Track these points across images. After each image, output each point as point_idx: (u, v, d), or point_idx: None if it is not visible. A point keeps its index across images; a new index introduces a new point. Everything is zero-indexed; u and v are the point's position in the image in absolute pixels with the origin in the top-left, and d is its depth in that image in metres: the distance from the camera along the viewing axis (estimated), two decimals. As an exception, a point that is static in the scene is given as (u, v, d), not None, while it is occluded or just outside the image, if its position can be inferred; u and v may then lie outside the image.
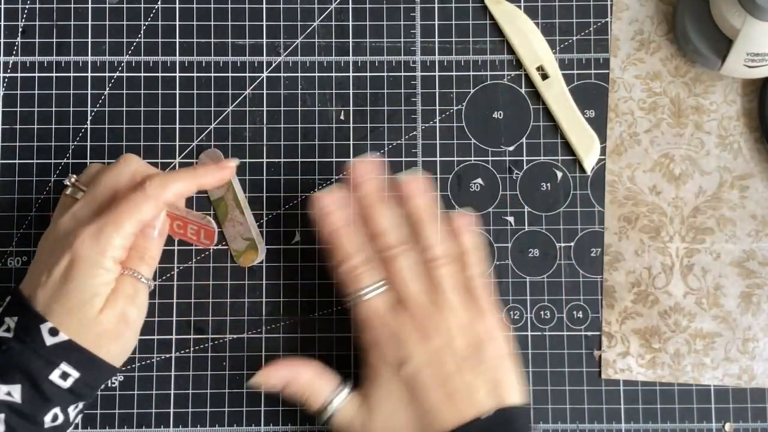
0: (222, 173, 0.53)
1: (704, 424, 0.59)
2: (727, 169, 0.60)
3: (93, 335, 0.48)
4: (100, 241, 0.48)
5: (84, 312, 0.48)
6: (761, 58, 0.56)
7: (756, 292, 0.59)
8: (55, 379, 0.47)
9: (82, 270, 0.48)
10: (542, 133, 0.60)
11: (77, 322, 0.48)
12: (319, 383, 0.53)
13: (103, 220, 0.49)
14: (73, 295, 0.48)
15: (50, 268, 0.49)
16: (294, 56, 0.61)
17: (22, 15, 0.60)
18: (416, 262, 0.52)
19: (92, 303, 0.48)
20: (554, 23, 0.61)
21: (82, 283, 0.48)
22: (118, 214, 0.49)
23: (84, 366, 0.48)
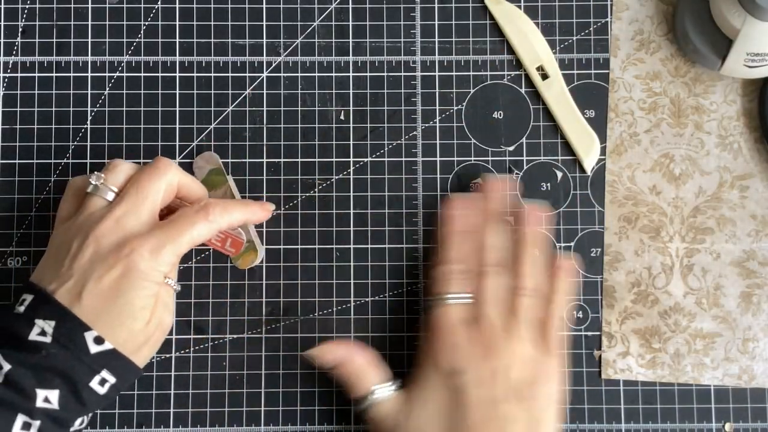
0: (264, 213, 0.55)
1: (704, 424, 0.59)
2: (727, 169, 0.60)
3: (135, 344, 0.49)
4: (159, 258, 0.49)
5: (132, 324, 0.48)
6: (761, 58, 0.56)
7: (756, 292, 0.59)
8: (94, 385, 0.48)
9: (135, 283, 0.48)
10: (542, 133, 0.60)
11: (125, 333, 0.48)
12: (371, 371, 0.54)
13: (162, 236, 0.49)
14: (123, 308, 0.48)
15: (100, 277, 0.48)
16: (294, 56, 0.61)
17: (22, 15, 0.60)
18: (505, 287, 0.53)
19: (141, 315, 0.49)
20: (554, 23, 0.61)
21: (132, 296, 0.48)
22: (179, 233, 0.50)
23: (121, 373, 0.49)
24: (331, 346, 0.55)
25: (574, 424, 0.58)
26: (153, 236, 0.49)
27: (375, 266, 0.59)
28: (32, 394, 0.46)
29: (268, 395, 0.58)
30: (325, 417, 0.58)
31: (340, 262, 0.59)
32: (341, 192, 0.60)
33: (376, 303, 0.59)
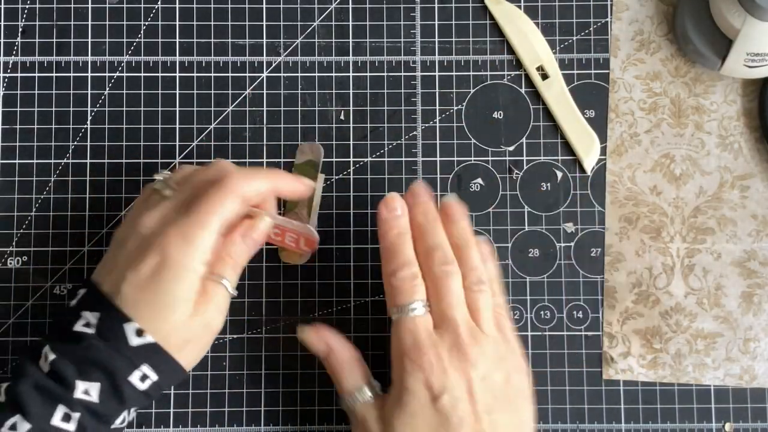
0: (297, 185, 0.53)
1: (704, 424, 0.58)
2: (728, 169, 0.60)
3: (179, 340, 0.48)
4: (191, 244, 0.47)
5: (173, 316, 0.47)
6: (761, 58, 0.56)
7: (757, 292, 0.59)
8: (134, 380, 0.47)
9: (172, 272, 0.47)
10: (542, 133, 0.60)
11: (166, 326, 0.47)
12: (359, 367, 0.53)
13: (187, 219, 0.48)
14: (162, 298, 0.47)
15: (137, 266, 0.47)
16: (294, 56, 0.61)
17: (22, 15, 0.60)
18: (460, 285, 0.51)
19: (181, 308, 0.47)
20: (554, 23, 0.61)
21: (171, 286, 0.47)
22: (205, 213, 0.48)
23: (163, 370, 0.47)
24: (324, 334, 0.54)
25: (574, 424, 0.58)
26: (182, 222, 0.48)
27: (375, 266, 0.59)
28: (72, 385, 0.45)
29: (268, 395, 0.58)
30: (325, 417, 0.58)
31: (340, 262, 0.59)
32: (341, 192, 0.60)
33: (376, 303, 0.59)
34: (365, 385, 0.52)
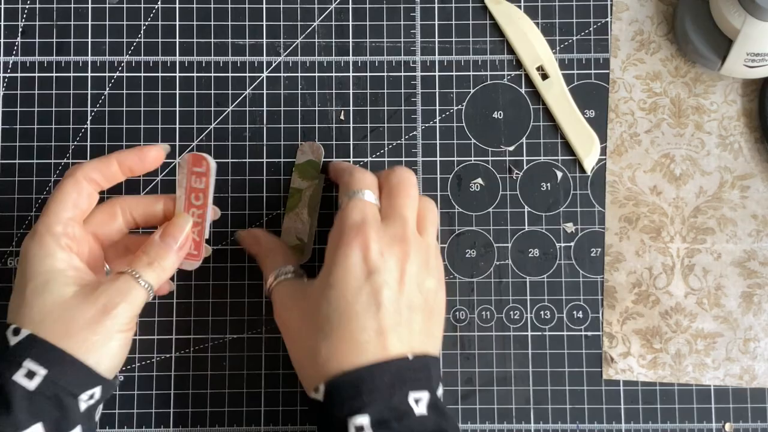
0: (142, 152, 0.52)
1: (704, 424, 0.58)
2: (728, 169, 0.60)
3: (62, 326, 0.46)
4: (37, 234, 0.49)
5: (39, 299, 0.47)
6: (761, 58, 0.56)
7: (757, 292, 0.59)
8: (19, 379, 0.45)
9: (31, 265, 0.48)
10: (542, 133, 0.60)
11: (34, 312, 0.47)
12: (281, 254, 0.55)
13: (39, 217, 0.50)
14: (27, 288, 0.47)
15: (15, 279, 0.49)
16: (294, 56, 0.61)
17: (22, 15, 0.60)
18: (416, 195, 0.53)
19: (50, 289, 0.47)
20: (554, 23, 0.61)
21: (31, 274, 0.48)
22: (47, 205, 0.50)
23: (50, 360, 0.45)
24: (256, 230, 0.57)
25: (574, 424, 0.58)
26: (36, 223, 0.50)
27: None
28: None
29: (268, 395, 0.58)
30: (324, 417, 0.58)
31: (340, 262, 0.59)
32: (341, 192, 0.60)
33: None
34: (291, 265, 0.53)
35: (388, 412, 0.45)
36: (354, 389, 0.45)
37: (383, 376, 0.46)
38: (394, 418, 0.45)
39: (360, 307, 0.47)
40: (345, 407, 0.45)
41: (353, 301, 0.47)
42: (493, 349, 0.59)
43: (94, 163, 0.50)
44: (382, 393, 0.45)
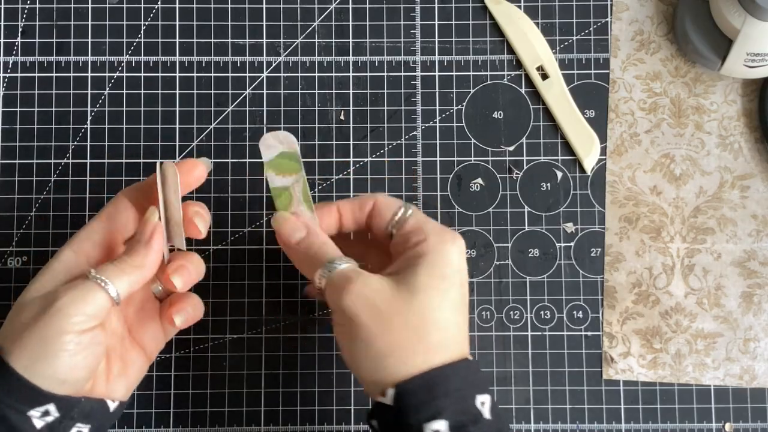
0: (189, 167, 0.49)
1: (704, 424, 0.58)
2: (728, 169, 0.60)
3: (10, 329, 0.44)
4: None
5: (17, 318, 0.44)
6: (761, 58, 0.56)
7: (757, 292, 0.59)
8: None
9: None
10: (542, 133, 0.60)
11: (7, 324, 0.44)
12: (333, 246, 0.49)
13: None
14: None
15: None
16: (294, 56, 0.61)
17: (22, 15, 0.60)
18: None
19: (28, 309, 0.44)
20: (554, 23, 0.61)
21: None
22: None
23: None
24: (303, 218, 0.50)
25: (574, 424, 0.58)
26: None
27: (375, 266, 0.59)
28: None
29: (268, 395, 0.58)
30: (325, 417, 0.58)
31: (340, 262, 0.59)
32: (341, 192, 0.60)
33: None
34: (345, 257, 0.48)
35: (464, 416, 0.44)
36: (428, 393, 0.44)
37: (455, 379, 0.45)
38: (471, 422, 0.44)
39: (442, 313, 0.45)
40: (421, 412, 0.43)
41: (438, 306, 0.45)
42: (493, 349, 0.59)
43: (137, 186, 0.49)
44: (456, 396, 0.44)
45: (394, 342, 0.44)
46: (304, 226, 0.49)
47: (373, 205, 0.50)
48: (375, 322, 0.44)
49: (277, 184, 0.51)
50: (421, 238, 0.47)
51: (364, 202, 0.50)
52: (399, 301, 0.45)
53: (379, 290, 0.45)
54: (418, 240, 0.47)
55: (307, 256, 0.48)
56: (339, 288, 0.45)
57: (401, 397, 0.44)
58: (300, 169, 0.51)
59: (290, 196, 0.51)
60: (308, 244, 0.49)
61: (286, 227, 0.49)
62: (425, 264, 0.46)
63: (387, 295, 0.45)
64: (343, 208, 0.50)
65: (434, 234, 0.47)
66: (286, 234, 0.49)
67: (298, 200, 0.51)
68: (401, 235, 0.48)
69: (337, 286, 0.45)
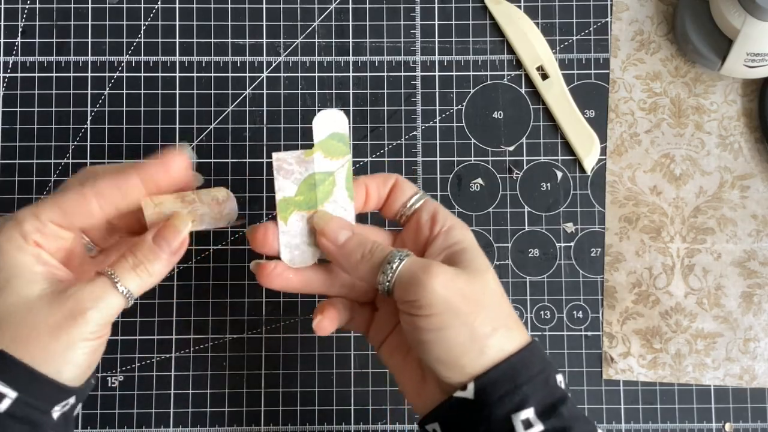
0: (168, 162, 0.45)
1: (704, 424, 0.58)
2: (728, 169, 0.60)
3: (23, 330, 0.41)
4: (6, 225, 0.43)
5: (2, 299, 0.41)
6: (761, 58, 0.56)
7: (757, 292, 0.59)
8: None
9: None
10: (542, 133, 0.60)
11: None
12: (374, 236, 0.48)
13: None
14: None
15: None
16: (294, 56, 0.61)
17: (22, 15, 0.60)
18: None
19: (12, 287, 0.42)
20: (554, 23, 0.61)
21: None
22: (43, 199, 0.44)
23: (20, 381, 0.41)
24: (343, 220, 0.46)
25: (574, 424, 0.58)
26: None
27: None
28: None
29: (268, 395, 0.58)
30: (325, 417, 0.58)
31: (340, 262, 0.59)
32: (341, 192, 0.60)
33: (376, 303, 0.59)
34: (401, 249, 0.45)
35: (551, 398, 0.42)
36: (511, 382, 0.42)
37: (534, 361, 0.43)
38: (559, 401, 0.42)
39: (503, 292, 0.45)
40: (506, 404, 0.42)
41: (500, 286, 0.45)
42: (493, 349, 0.59)
43: (111, 178, 0.44)
44: (539, 379, 0.43)
45: (494, 321, 0.43)
46: (349, 224, 0.46)
47: (395, 182, 0.48)
48: (469, 305, 0.43)
49: (324, 168, 0.46)
50: (448, 225, 0.46)
51: (387, 178, 0.48)
52: (477, 283, 0.43)
53: (457, 274, 0.43)
54: (446, 226, 0.46)
55: (359, 256, 0.45)
56: (419, 278, 0.43)
57: (484, 389, 0.42)
58: (348, 152, 0.46)
59: (333, 183, 0.46)
60: (358, 243, 0.45)
61: (333, 226, 0.46)
62: (471, 248, 0.45)
63: (465, 277, 0.43)
64: (370, 183, 0.48)
65: (456, 221, 0.47)
66: (333, 234, 0.46)
67: (340, 188, 0.46)
68: (423, 221, 0.47)
69: (416, 277, 0.43)
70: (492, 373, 0.42)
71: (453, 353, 0.43)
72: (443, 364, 0.43)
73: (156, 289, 0.58)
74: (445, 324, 0.42)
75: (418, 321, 0.43)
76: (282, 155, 0.45)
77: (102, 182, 0.43)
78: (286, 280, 0.47)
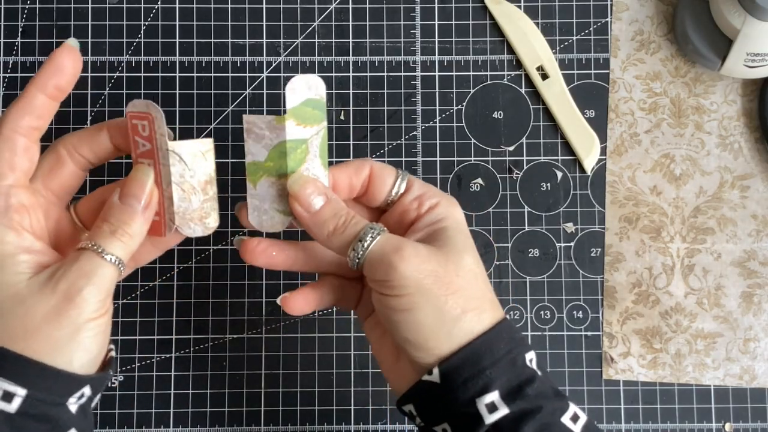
0: (56, 60, 0.42)
1: (704, 424, 0.58)
2: (728, 169, 0.60)
3: (17, 323, 0.39)
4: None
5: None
6: (761, 58, 0.56)
7: (757, 292, 0.59)
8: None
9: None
10: (542, 133, 0.60)
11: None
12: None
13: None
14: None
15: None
16: (294, 56, 0.61)
17: (22, 15, 0.60)
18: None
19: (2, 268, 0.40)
20: (554, 23, 0.61)
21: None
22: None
23: (27, 377, 0.39)
24: (319, 183, 0.44)
25: (574, 424, 0.58)
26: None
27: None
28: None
29: (268, 395, 0.58)
30: (325, 417, 0.58)
31: (340, 262, 0.59)
32: (341, 192, 0.60)
33: (376, 303, 0.59)
34: (376, 224, 0.44)
35: (517, 380, 0.42)
36: (474, 366, 0.42)
37: (500, 343, 0.42)
38: (526, 383, 0.42)
39: (482, 271, 0.44)
40: (470, 388, 0.41)
41: (478, 265, 0.44)
42: (493, 349, 0.59)
43: (17, 108, 0.42)
44: (504, 361, 0.42)
45: (464, 302, 0.42)
46: (324, 191, 0.44)
47: (370, 172, 0.46)
48: (440, 286, 0.42)
49: (296, 136, 0.43)
50: (434, 202, 0.46)
51: (360, 167, 0.46)
52: (452, 264, 0.43)
53: (430, 254, 0.42)
54: (431, 205, 0.45)
55: (332, 228, 0.43)
56: (389, 260, 0.42)
57: (448, 374, 0.42)
58: (323, 119, 0.44)
59: (306, 150, 0.44)
60: (332, 213, 0.44)
61: (307, 191, 0.44)
62: (452, 227, 0.45)
63: (439, 258, 0.43)
64: (338, 174, 0.46)
65: (444, 200, 0.46)
66: (306, 200, 0.44)
67: (313, 155, 0.44)
68: (408, 203, 0.46)
69: (386, 256, 0.42)
70: (456, 357, 0.42)
71: (421, 335, 0.42)
72: (411, 345, 0.42)
73: (156, 289, 0.59)
74: (414, 305, 0.42)
75: (388, 300, 0.42)
76: (252, 118, 0.43)
77: (11, 115, 0.42)
78: (269, 257, 0.46)
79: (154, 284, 0.58)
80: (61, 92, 0.42)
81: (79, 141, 0.44)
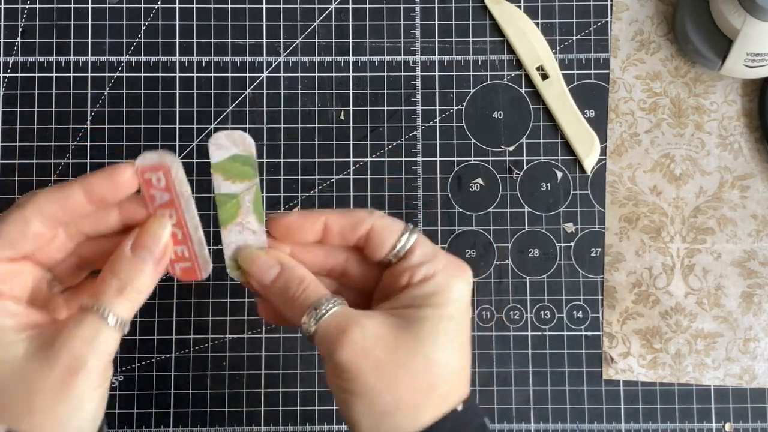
0: (114, 174, 0.40)
1: (704, 424, 0.58)
2: (728, 169, 0.60)
3: (21, 400, 0.37)
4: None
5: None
6: (761, 58, 0.56)
7: (757, 292, 0.59)
8: None
9: None
10: (542, 133, 0.60)
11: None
12: (316, 282, 0.42)
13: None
14: None
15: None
16: (294, 56, 0.61)
17: (22, 15, 0.60)
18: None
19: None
20: (554, 23, 0.61)
21: None
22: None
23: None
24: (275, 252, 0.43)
25: (574, 424, 0.58)
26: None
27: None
28: None
29: (268, 395, 0.58)
30: (325, 417, 0.58)
31: (340, 262, 0.59)
32: (341, 192, 0.60)
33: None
34: (333, 295, 0.42)
35: None
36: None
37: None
38: None
39: (451, 360, 0.41)
40: None
41: (446, 353, 0.41)
42: (493, 349, 0.59)
43: (51, 192, 0.39)
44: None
45: (400, 398, 0.39)
46: (276, 260, 0.42)
47: (371, 229, 0.43)
48: (378, 377, 0.39)
49: (223, 191, 0.43)
50: (429, 274, 0.41)
51: (358, 223, 0.43)
52: (403, 352, 0.40)
53: (379, 339, 0.39)
54: (425, 276, 0.41)
55: (286, 298, 0.42)
56: (332, 340, 0.39)
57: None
58: (255, 176, 0.43)
59: (238, 205, 0.44)
60: (285, 283, 0.42)
61: (258, 265, 0.43)
62: (433, 305, 0.41)
63: (389, 344, 0.40)
64: (332, 221, 0.43)
65: (444, 270, 0.42)
66: (260, 273, 0.42)
67: (247, 210, 0.44)
68: (406, 268, 0.42)
69: (330, 336, 0.40)
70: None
71: (350, 422, 0.40)
72: (350, 427, 0.41)
73: (156, 289, 0.58)
74: (349, 391, 0.40)
75: (327, 378, 0.41)
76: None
77: (41, 198, 0.39)
78: (271, 314, 0.45)
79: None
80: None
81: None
